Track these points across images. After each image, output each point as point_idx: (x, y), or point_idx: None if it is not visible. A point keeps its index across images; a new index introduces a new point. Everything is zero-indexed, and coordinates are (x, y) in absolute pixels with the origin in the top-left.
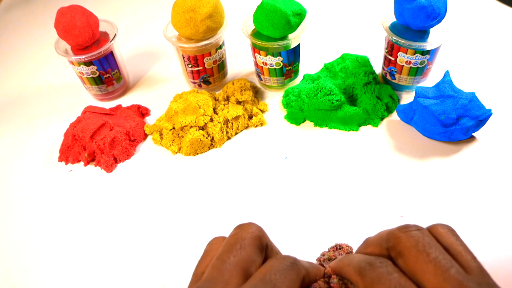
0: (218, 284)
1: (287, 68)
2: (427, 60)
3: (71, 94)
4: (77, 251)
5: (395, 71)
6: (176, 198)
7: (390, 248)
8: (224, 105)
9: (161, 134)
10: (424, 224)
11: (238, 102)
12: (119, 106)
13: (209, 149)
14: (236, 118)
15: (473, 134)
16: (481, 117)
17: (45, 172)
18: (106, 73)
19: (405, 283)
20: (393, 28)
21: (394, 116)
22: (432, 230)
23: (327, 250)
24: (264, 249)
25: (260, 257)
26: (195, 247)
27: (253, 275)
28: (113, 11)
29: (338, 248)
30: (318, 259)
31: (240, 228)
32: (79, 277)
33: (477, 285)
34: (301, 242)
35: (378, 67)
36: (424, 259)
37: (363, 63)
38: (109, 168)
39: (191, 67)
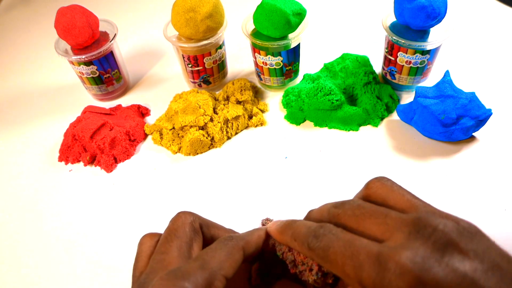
0: (159, 271)
1: (287, 68)
2: (427, 60)
3: (71, 94)
4: (77, 251)
5: (395, 71)
6: (176, 198)
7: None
8: (224, 105)
9: (161, 134)
10: None
11: (238, 102)
12: (119, 106)
13: (209, 149)
14: (236, 118)
15: (473, 134)
16: (481, 117)
17: (45, 172)
18: (106, 73)
19: (351, 238)
20: (393, 28)
21: (394, 116)
22: (367, 190)
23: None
24: (199, 230)
25: (198, 237)
26: None
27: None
28: (113, 11)
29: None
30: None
31: (171, 221)
32: (79, 277)
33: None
34: None
35: (378, 67)
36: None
37: (363, 63)
38: (109, 168)
39: (191, 67)
